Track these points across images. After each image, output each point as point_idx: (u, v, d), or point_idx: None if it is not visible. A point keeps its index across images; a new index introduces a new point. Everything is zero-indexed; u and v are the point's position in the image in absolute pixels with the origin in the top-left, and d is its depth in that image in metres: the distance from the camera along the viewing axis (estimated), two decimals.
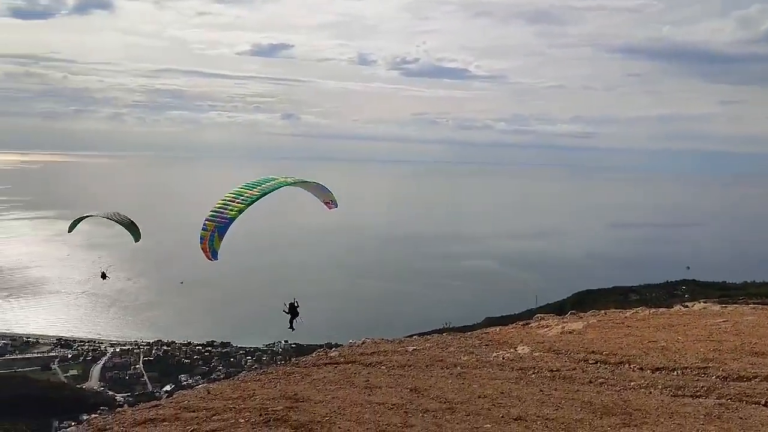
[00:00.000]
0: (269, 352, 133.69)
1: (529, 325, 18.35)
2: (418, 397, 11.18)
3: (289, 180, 19.15)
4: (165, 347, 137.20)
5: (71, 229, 21.86)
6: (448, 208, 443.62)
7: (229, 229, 18.55)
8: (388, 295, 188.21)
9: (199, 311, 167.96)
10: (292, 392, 11.45)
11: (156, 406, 11.37)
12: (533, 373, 12.79)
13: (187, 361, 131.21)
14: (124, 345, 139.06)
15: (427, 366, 13.57)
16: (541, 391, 11.49)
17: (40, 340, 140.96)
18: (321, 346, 17.69)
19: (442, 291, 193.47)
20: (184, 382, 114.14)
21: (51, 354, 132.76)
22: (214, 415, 10.16)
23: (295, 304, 21.25)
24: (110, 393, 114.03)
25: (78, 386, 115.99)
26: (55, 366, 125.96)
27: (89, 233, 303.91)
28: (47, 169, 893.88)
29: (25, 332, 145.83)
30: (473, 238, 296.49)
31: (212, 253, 18.73)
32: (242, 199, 18.18)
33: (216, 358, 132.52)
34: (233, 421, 9.76)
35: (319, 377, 12.76)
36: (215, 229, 18.29)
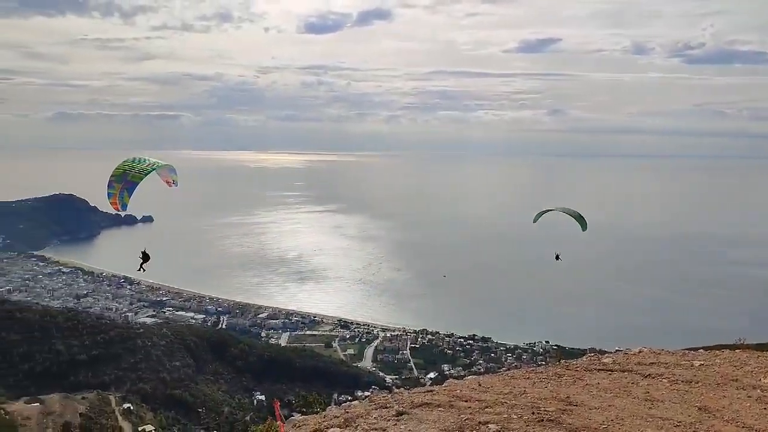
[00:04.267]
0: (529, 351, 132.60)
1: None
2: (708, 417, 10.04)
3: (160, 162, 23.76)
4: (429, 336, 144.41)
5: (535, 220, 25.48)
6: (735, 207, 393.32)
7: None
8: (656, 301, 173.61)
9: (461, 304, 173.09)
10: (564, 395, 11.13)
11: (430, 391, 11.95)
12: None
13: (449, 351, 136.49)
14: (394, 331, 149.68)
15: (718, 384, 12.10)
16: None
17: (324, 320, 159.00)
18: (583, 350, 16.88)
19: (722, 300, 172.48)
20: (447, 372, 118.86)
21: (332, 333, 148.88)
22: (486, 407, 10.34)
23: (147, 252, 27.37)
24: (381, 374, 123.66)
25: (354, 365, 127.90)
26: (335, 344, 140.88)
27: (362, 226, 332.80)
28: (332, 168, 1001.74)
29: (312, 312, 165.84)
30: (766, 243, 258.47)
31: (122, 206, 23.29)
32: (138, 170, 22.88)
33: (477, 351, 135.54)
34: (506, 415, 9.81)
35: (593, 383, 12.19)
36: (123, 189, 23.07)
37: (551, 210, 25.53)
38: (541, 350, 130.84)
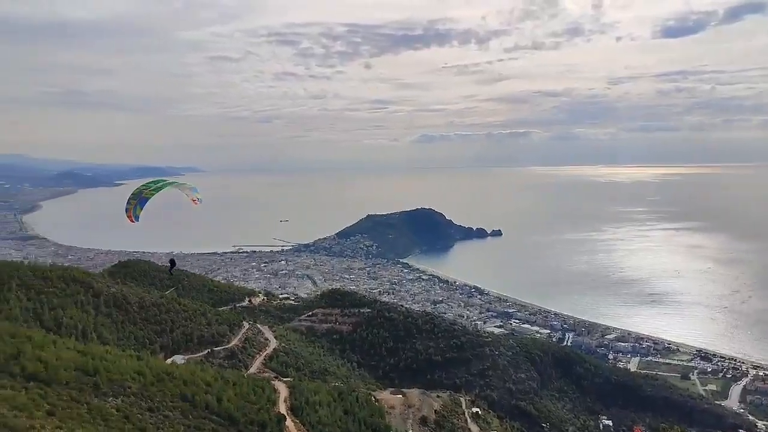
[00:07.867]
0: None
1: None
2: None
3: (172, 181, 30.86)
4: None
5: None
6: None
7: None
8: None
9: None
10: None
11: None
12: None
13: None
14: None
15: None
16: None
17: (680, 348, 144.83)
18: None
19: None
20: None
21: (690, 364, 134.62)
22: None
23: (174, 261, 44.08)
24: (750, 417, 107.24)
25: (716, 402, 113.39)
26: (693, 377, 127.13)
27: (727, 247, 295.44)
28: (691, 181, 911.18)
29: (666, 338, 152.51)
30: None
31: (135, 218, 29.40)
32: (152, 189, 29.24)
33: None
34: None
35: None
36: (137, 203, 29.43)
37: None
38: None
